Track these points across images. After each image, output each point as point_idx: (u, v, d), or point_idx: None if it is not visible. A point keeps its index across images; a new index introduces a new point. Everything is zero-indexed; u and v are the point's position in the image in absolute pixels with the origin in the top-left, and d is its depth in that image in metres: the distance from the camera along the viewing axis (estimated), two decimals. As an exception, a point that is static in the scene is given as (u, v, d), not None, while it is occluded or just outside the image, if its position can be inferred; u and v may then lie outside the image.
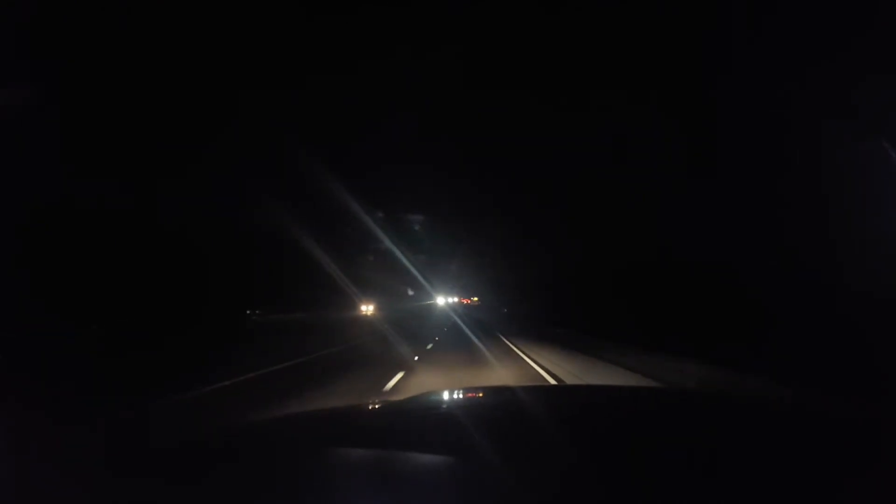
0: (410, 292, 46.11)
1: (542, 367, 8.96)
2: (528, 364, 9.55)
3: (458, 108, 21.33)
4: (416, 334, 18.33)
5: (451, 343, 15.30)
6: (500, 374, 8.24)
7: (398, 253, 28.85)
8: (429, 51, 15.54)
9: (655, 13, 11.08)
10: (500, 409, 1.55)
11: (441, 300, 48.11)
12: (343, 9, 14.72)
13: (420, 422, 1.36)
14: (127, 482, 0.87)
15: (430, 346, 13.90)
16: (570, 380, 7.48)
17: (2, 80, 8.78)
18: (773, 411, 1.41)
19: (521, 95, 17.54)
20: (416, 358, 10.75)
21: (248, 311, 22.12)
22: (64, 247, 12.23)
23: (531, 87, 16.36)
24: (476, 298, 59.35)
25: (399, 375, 7.95)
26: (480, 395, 2.04)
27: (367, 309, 31.33)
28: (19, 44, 9.05)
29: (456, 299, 55.17)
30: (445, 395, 2.04)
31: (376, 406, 1.88)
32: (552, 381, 7.36)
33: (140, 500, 0.79)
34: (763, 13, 8.08)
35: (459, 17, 14.32)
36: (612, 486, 0.78)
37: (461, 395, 1.95)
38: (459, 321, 27.19)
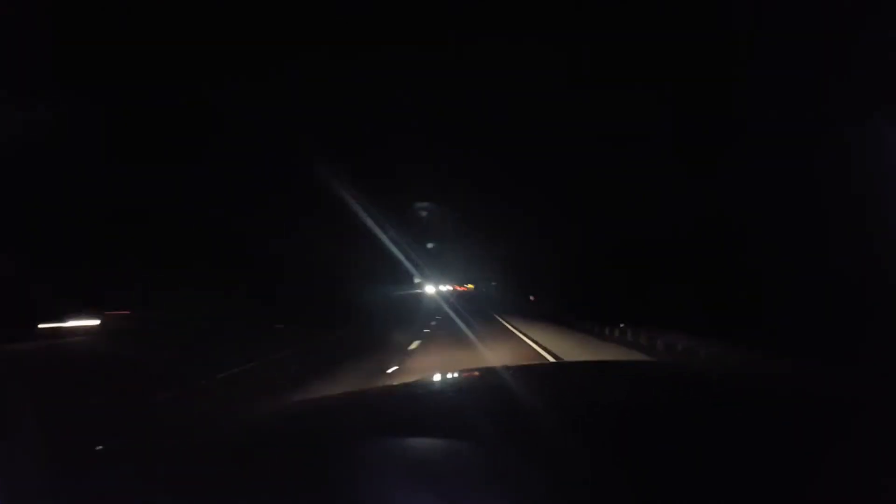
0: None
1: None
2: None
3: (453, 85, 20.60)
4: None
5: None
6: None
7: (378, 232, 22.38)
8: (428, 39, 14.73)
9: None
10: (502, 390, 1.51)
11: (431, 288, 45.10)
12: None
13: (422, 405, 1.37)
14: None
15: None
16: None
17: None
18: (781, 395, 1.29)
19: (525, 72, 16.54)
20: None
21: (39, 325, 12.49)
22: None
23: (536, 65, 15.35)
24: (471, 286, 59.08)
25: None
26: (476, 374, 2.09)
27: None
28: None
29: (450, 287, 54.49)
30: (439, 377, 2.14)
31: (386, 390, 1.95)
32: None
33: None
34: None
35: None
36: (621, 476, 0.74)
37: (461, 376, 2.07)
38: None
